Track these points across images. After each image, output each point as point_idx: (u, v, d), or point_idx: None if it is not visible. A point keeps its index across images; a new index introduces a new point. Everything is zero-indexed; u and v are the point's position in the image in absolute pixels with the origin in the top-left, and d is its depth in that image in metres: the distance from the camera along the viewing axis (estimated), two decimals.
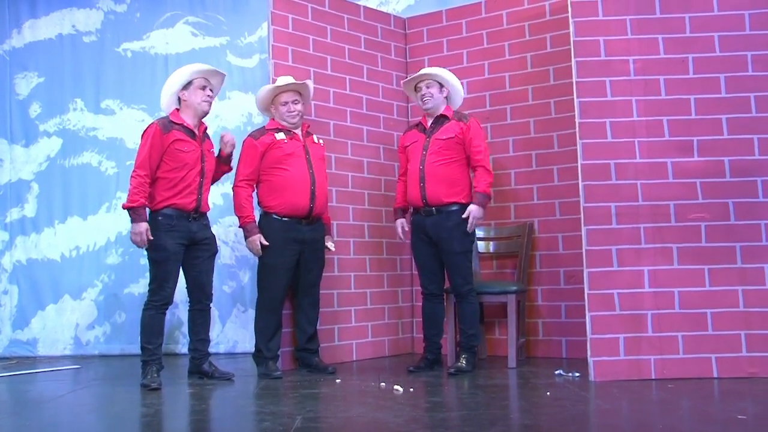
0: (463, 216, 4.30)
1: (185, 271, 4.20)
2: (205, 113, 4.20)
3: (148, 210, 4.02)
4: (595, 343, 3.89)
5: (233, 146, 4.39)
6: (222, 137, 4.37)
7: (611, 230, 3.97)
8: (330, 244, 4.56)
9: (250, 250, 4.33)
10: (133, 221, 3.95)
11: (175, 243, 4.03)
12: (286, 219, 4.31)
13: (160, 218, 4.02)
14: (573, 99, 4.11)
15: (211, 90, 4.20)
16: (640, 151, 4.01)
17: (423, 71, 4.52)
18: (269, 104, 4.52)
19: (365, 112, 5.27)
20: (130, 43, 5.93)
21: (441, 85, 4.47)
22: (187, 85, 4.15)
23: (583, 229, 3.99)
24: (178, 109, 4.18)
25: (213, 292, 4.31)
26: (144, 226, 3.94)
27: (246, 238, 4.32)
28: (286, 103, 4.44)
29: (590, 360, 3.89)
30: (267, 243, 4.27)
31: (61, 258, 5.74)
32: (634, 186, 3.99)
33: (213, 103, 4.25)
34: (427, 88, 4.46)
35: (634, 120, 4.03)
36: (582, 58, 4.09)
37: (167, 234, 4.01)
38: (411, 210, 4.59)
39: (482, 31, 5.27)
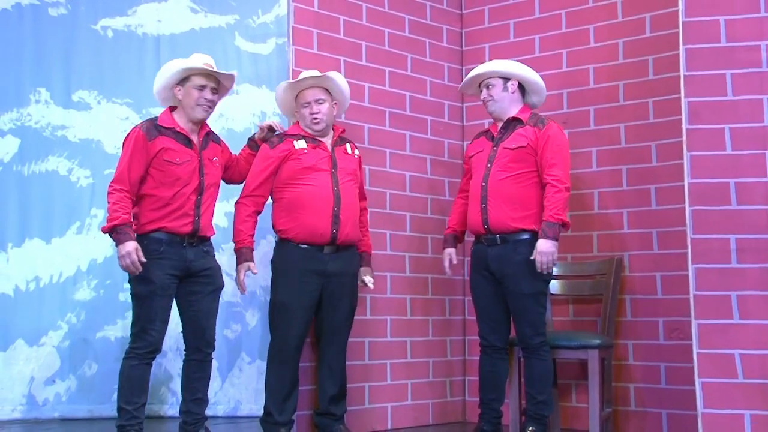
0: (531, 257, 4.21)
1: (180, 311, 4.19)
2: (199, 121, 4.22)
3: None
4: (710, 421, 3.77)
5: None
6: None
7: (730, 270, 3.87)
8: (368, 279, 4.53)
9: (238, 276, 4.33)
10: (117, 243, 3.93)
11: (165, 274, 4.02)
12: (304, 246, 4.31)
13: (146, 243, 4.01)
14: (680, 98, 4.03)
15: (213, 92, 4.21)
16: None
17: (474, 71, 4.50)
18: (293, 105, 4.52)
19: (409, 113, 5.27)
20: (111, 19, 5.93)
21: (506, 80, 4.43)
22: (184, 80, 4.15)
23: (691, 267, 3.90)
24: (172, 108, 4.20)
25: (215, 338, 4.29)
26: (132, 245, 3.91)
27: (237, 264, 4.34)
28: (308, 103, 4.44)
29: None
30: (256, 272, 4.32)
31: (15, 292, 5.70)
32: (763, 213, 3.87)
33: (213, 109, 4.27)
34: (487, 89, 4.44)
35: (765, 126, 3.92)
36: (694, 44, 4.01)
37: (155, 262, 4.00)
38: (473, 239, 4.56)
39: (560, 11, 5.26)
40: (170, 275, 4.04)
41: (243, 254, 4.30)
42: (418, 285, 5.16)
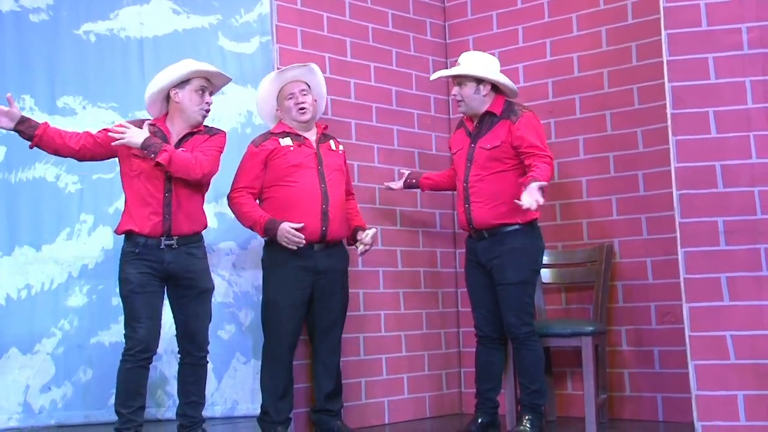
0: (517, 201, 4.07)
1: (173, 315, 4.21)
2: (198, 124, 4.23)
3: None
4: (704, 403, 3.81)
5: None
6: None
7: (719, 252, 3.90)
8: (369, 232, 4.50)
9: (288, 243, 4.23)
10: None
11: (139, 272, 4.03)
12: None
13: (124, 246, 4.10)
14: (663, 84, 4.06)
15: (210, 96, 4.24)
16: (757, 148, 3.92)
17: (446, 72, 4.59)
18: (274, 106, 4.54)
19: (395, 108, 5.28)
20: (93, 23, 5.89)
21: (479, 81, 4.42)
22: (182, 84, 4.15)
23: (680, 251, 3.93)
24: (166, 115, 4.23)
25: (209, 340, 4.29)
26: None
27: (275, 237, 4.25)
28: (292, 95, 4.45)
29: (697, 425, 3.80)
30: (298, 227, 4.24)
31: (7, 300, 5.68)
32: (749, 195, 3.90)
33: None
34: (459, 87, 4.45)
35: (748, 108, 3.94)
36: (676, 29, 4.03)
37: (130, 263, 4.05)
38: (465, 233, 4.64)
39: (543, 1, 5.28)
40: (146, 274, 4.03)
41: (272, 224, 4.24)
42: (411, 279, 5.18)
